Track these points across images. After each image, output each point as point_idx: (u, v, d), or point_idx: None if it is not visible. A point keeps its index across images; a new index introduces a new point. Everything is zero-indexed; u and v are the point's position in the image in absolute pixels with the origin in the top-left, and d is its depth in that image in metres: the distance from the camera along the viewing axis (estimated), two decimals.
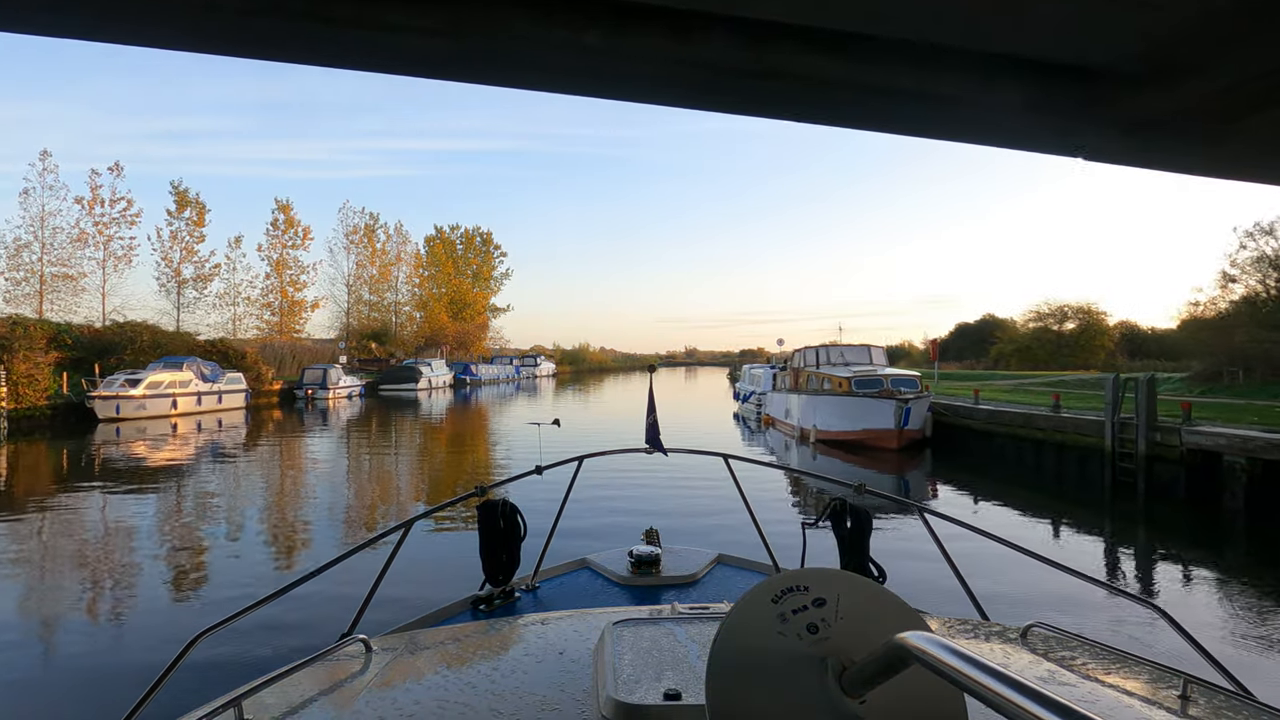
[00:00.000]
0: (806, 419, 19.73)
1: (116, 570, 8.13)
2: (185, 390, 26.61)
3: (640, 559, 3.15)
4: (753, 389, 30.20)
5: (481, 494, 2.90)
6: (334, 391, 37.26)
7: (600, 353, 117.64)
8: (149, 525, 10.40)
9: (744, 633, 0.91)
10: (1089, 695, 1.27)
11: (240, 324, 50.38)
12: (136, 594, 7.35)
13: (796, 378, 21.82)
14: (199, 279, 45.97)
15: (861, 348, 21.34)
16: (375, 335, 61.47)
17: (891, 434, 16.86)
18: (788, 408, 22.03)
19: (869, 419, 17.28)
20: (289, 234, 53.85)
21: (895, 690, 0.83)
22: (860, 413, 17.46)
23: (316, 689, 1.34)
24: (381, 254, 65.83)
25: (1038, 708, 0.54)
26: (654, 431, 3.46)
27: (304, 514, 11.31)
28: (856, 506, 2.76)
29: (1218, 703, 1.24)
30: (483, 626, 1.76)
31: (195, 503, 12.11)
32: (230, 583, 7.51)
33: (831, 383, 18.88)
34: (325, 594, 5.87)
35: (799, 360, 22.25)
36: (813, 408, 19.21)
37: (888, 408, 16.78)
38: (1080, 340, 51.09)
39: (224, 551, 8.91)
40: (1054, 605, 6.49)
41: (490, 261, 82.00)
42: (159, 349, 29.91)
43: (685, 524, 9.15)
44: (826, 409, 18.53)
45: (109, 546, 9.24)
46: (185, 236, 45.55)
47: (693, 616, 1.52)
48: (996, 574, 7.02)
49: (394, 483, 14.45)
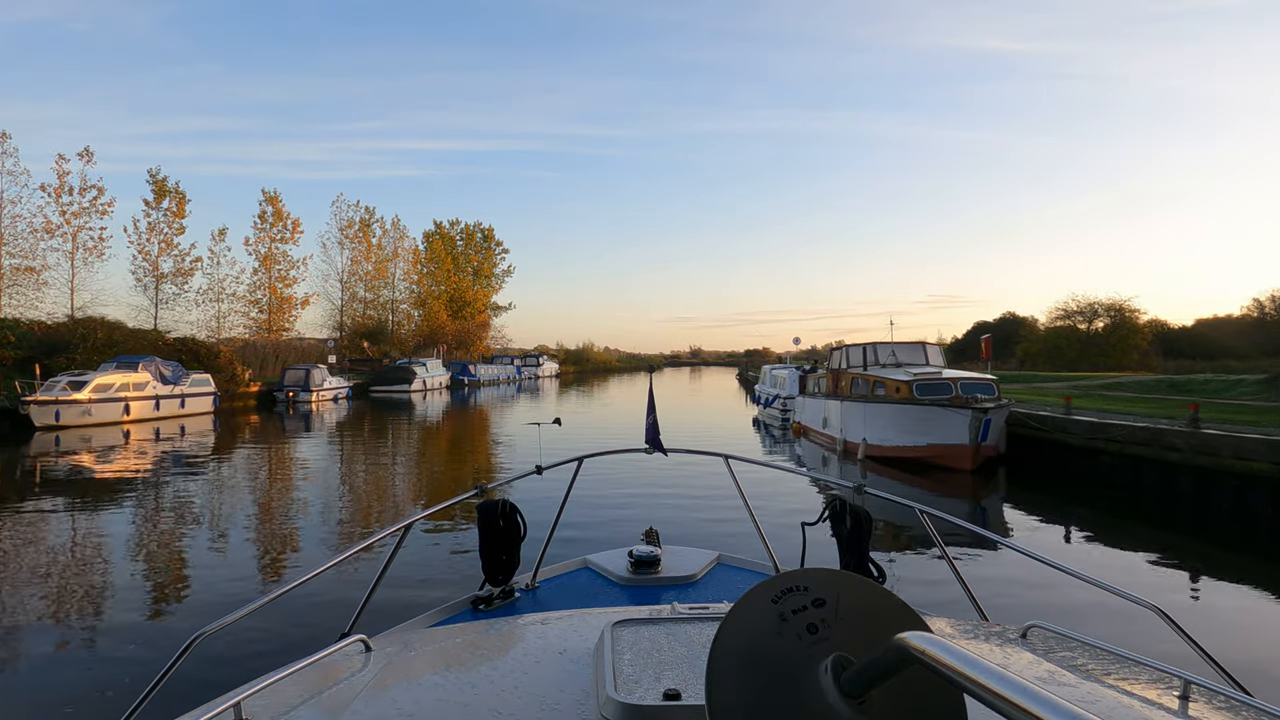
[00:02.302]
0: (853, 430, 16.62)
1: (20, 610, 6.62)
2: (140, 393, 23.64)
3: (640, 559, 3.12)
4: (776, 392, 27.10)
5: (481, 494, 2.89)
6: (318, 393, 34.38)
7: (605, 353, 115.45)
8: (72, 549, 8.73)
9: (744, 633, 0.89)
10: (1089, 696, 1.24)
11: (225, 321, 47.83)
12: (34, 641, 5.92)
13: (836, 381, 18.68)
14: (178, 274, 43.02)
15: (915, 345, 18.16)
16: (371, 334, 58.83)
17: (966, 451, 13.76)
18: (825, 415, 18.93)
19: (936, 432, 14.18)
20: (278, 227, 51.17)
21: (895, 691, 0.80)
22: (925, 424, 14.34)
23: (316, 689, 1.32)
24: (378, 250, 63.52)
25: (1038, 708, 0.53)
26: (654, 431, 3.32)
27: (266, 537, 9.52)
28: (856, 506, 2.75)
29: (1218, 704, 1.22)
30: (482, 626, 1.74)
31: (135, 525, 10.06)
32: (141, 632, 6.09)
33: (886, 387, 15.68)
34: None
35: (839, 360, 19.07)
36: (861, 417, 16.10)
37: (961, 419, 13.68)
38: (1111, 339, 48.89)
39: (155, 587, 7.32)
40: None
41: (491, 258, 79.86)
42: (115, 347, 26.93)
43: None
44: (881, 419, 15.41)
45: (13, 578, 7.54)
46: (164, 228, 42.67)
47: (693, 617, 1.51)
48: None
49: (376, 496, 12.75)
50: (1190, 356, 42.08)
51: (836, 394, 18.39)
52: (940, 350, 18.00)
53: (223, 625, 1.54)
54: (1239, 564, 8.37)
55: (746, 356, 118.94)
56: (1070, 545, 9.12)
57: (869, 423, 15.78)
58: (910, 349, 17.95)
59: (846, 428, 17.05)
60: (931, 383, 14.83)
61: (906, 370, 15.98)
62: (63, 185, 36.50)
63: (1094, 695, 1.24)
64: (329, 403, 34.74)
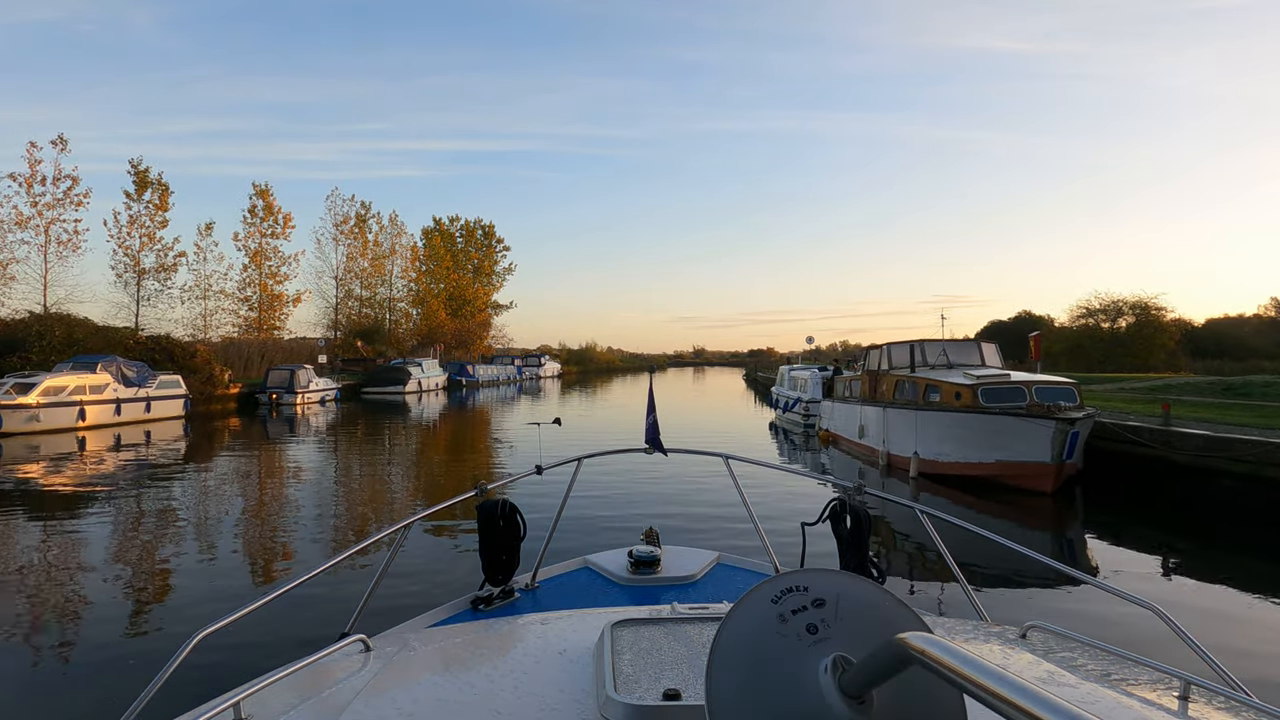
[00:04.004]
0: (899, 441, 14.34)
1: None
2: (98, 397, 21.40)
3: (640, 559, 3.12)
4: (796, 395, 24.82)
5: (481, 494, 2.88)
6: (303, 395, 32.18)
7: (608, 352, 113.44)
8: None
9: (743, 633, 0.89)
10: (1088, 696, 1.25)
11: (213, 319, 45.72)
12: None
13: (875, 384, 16.37)
14: (161, 269, 40.86)
15: (968, 343, 15.82)
16: (366, 333, 56.67)
17: (1047, 470, 11.47)
18: (861, 423, 16.64)
19: (1009, 446, 11.89)
20: (268, 222, 49.07)
21: (895, 691, 0.81)
22: (995, 437, 12.04)
23: (316, 689, 1.32)
24: (375, 246, 61.44)
25: (1037, 708, 0.53)
26: (654, 431, 3.32)
27: (235, 557, 8.44)
28: (856, 506, 2.73)
29: (1217, 704, 1.22)
30: (482, 626, 1.74)
31: (82, 543, 8.89)
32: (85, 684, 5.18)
33: (942, 392, 13.31)
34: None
35: (877, 360, 16.74)
36: (911, 427, 13.81)
37: (1042, 432, 11.38)
38: (1137, 338, 47.25)
39: (92, 629, 6.23)
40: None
41: (492, 255, 78.02)
42: (76, 346, 24.69)
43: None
44: (937, 430, 13.10)
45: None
46: (146, 221, 40.50)
47: (692, 617, 1.52)
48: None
49: (362, 508, 11.59)
50: (1216, 356, 40.75)
51: (875, 399, 16.08)
52: (996, 349, 15.63)
53: (222, 625, 1.49)
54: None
55: (750, 356, 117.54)
56: (1255, 608, 6.85)
57: (922, 434, 13.47)
58: (963, 347, 15.61)
59: (891, 438, 14.75)
60: (1000, 387, 12.48)
61: (965, 372, 13.61)
62: (34, 174, 34.35)
63: (1094, 695, 1.25)
64: (316, 405, 32.53)
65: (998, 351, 15.60)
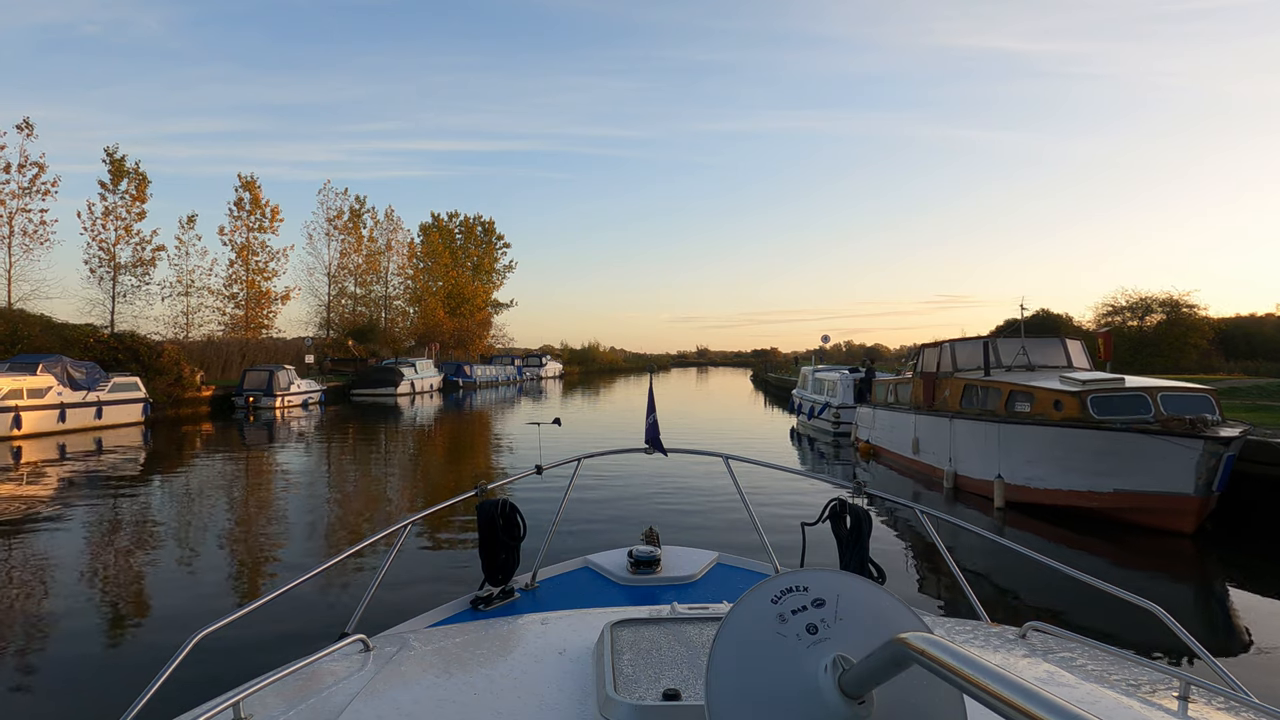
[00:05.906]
0: (973, 461, 11.75)
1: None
2: (39, 401, 18.88)
3: (640, 559, 3.09)
4: (824, 400, 22.23)
5: (481, 494, 2.84)
6: (283, 398, 29.71)
7: (610, 353, 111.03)
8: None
9: (743, 633, 0.88)
10: (1088, 696, 1.24)
11: (195, 317, 43.33)
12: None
13: (932, 388, 13.78)
14: (138, 264, 38.42)
15: (1051, 341, 13.11)
16: (360, 332, 54.17)
17: (1188, 505, 8.85)
18: (916, 435, 14.06)
19: (1133, 472, 9.28)
20: (255, 215, 46.63)
21: (894, 691, 0.80)
22: (1114, 460, 9.41)
23: (315, 689, 1.30)
24: (369, 242, 59.04)
25: (1037, 708, 0.53)
26: (654, 431, 3.26)
27: (182, 598, 7.05)
28: (856, 506, 2.70)
29: (1217, 704, 1.21)
30: (482, 626, 1.72)
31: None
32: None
33: (1037, 401, 10.59)
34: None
35: (936, 359, 14.10)
36: (992, 443, 11.21)
37: (1184, 455, 8.75)
38: (1167, 337, 44.96)
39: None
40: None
41: (492, 252, 75.94)
42: (21, 344, 22.19)
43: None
44: (1029, 448, 10.47)
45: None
46: (122, 213, 38.03)
47: (692, 617, 1.50)
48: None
49: (340, 524, 10.26)
50: (1250, 356, 38.94)
51: (934, 407, 13.49)
52: (1083, 348, 12.98)
53: (222, 625, 1.47)
54: None
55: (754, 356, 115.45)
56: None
57: (1006, 452, 10.85)
58: (1045, 346, 12.93)
59: (960, 456, 12.16)
60: (1113, 394, 9.81)
61: (1061, 376, 10.97)
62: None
63: (1093, 696, 1.24)
64: (298, 409, 30.04)
65: (1085, 351, 12.96)
